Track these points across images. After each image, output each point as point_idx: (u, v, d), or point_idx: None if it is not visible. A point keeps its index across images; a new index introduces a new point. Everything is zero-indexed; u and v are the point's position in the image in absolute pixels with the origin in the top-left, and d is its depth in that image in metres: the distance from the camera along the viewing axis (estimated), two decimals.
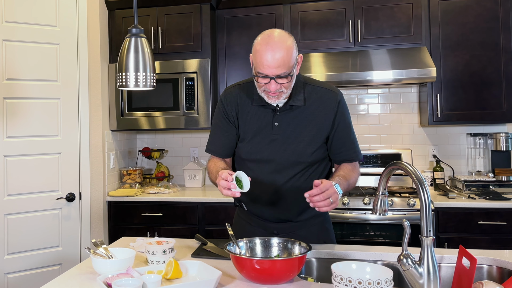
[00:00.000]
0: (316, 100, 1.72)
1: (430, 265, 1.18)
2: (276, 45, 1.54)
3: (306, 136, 1.70)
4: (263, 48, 1.55)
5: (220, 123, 1.80)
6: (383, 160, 3.36)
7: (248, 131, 1.74)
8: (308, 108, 1.71)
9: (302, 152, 1.70)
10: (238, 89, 1.80)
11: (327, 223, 1.88)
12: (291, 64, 1.56)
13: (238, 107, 1.76)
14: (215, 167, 1.73)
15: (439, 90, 3.10)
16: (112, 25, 3.39)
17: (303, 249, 1.47)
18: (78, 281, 1.43)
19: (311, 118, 1.70)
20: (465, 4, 3.07)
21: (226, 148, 1.80)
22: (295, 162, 1.71)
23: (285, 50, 1.54)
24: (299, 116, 1.70)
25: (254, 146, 1.73)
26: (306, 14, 3.26)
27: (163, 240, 1.61)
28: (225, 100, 1.79)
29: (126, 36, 1.54)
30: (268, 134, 1.71)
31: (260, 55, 1.55)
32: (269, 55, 1.53)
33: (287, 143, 1.70)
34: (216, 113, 1.84)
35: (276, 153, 1.71)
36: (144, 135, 3.88)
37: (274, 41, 1.55)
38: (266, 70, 1.55)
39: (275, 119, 1.70)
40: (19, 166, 2.79)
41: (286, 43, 1.55)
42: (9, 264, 2.74)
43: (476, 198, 2.86)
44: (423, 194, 1.19)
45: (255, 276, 1.36)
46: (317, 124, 1.70)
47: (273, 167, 1.71)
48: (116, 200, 3.22)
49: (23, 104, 2.81)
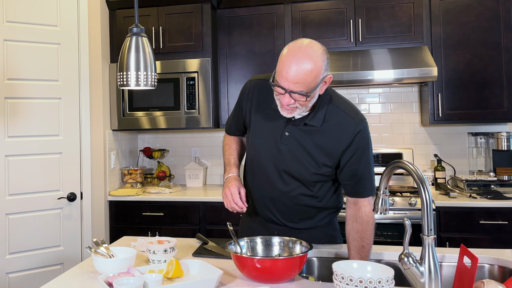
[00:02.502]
0: (333, 125, 1.56)
1: (431, 264, 1.17)
2: (302, 60, 1.38)
3: (311, 158, 1.59)
4: (288, 58, 1.40)
5: (236, 107, 1.83)
6: (384, 159, 3.36)
7: (258, 131, 1.69)
8: (322, 131, 1.56)
9: (305, 172, 1.61)
10: (261, 84, 1.69)
11: (334, 231, 1.81)
12: (312, 85, 1.41)
13: (255, 104, 1.69)
14: (229, 150, 1.86)
15: (440, 90, 3.10)
16: (113, 25, 3.39)
17: (304, 248, 1.47)
18: (80, 280, 1.43)
19: (322, 142, 1.57)
20: (466, 3, 3.07)
21: (234, 129, 1.88)
22: (297, 179, 1.64)
23: (310, 67, 1.38)
24: (311, 134, 1.58)
25: (262, 149, 1.68)
26: (307, 14, 3.26)
27: (164, 239, 1.61)
28: (245, 91, 1.74)
29: (127, 36, 1.54)
30: (277, 141, 1.62)
31: (283, 63, 1.41)
32: (290, 67, 1.39)
33: (293, 158, 1.61)
34: (239, 95, 1.81)
35: (280, 163, 1.64)
36: (145, 134, 3.89)
37: (302, 53, 1.39)
38: (283, 81, 1.41)
39: (286, 128, 1.60)
40: (21, 166, 2.79)
41: (314, 59, 1.39)
42: (11, 264, 2.74)
43: (477, 197, 2.86)
44: (424, 193, 1.19)
45: (256, 275, 1.36)
46: (326, 150, 1.57)
47: (276, 176, 1.67)
48: (117, 199, 3.22)
49: (24, 104, 2.81)
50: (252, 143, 1.72)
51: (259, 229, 1.78)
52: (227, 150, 1.87)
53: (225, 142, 1.91)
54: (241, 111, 1.78)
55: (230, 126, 1.90)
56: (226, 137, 1.93)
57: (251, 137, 1.73)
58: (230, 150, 1.87)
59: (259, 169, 1.72)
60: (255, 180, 1.75)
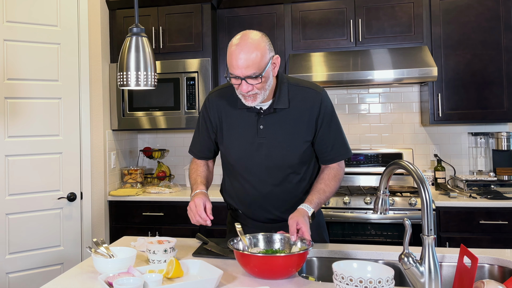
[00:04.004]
0: (300, 101, 1.70)
1: (431, 264, 1.17)
2: (246, 46, 1.53)
3: (291, 139, 1.69)
4: (234, 49, 1.55)
5: (202, 127, 1.84)
6: (384, 159, 3.36)
7: (233, 135, 1.74)
8: (292, 110, 1.69)
9: (289, 155, 1.70)
10: (221, 93, 1.80)
11: (321, 224, 1.91)
12: (261, 65, 1.55)
13: (222, 112, 1.77)
14: (196, 172, 1.83)
15: (440, 90, 3.10)
16: (113, 25, 3.39)
17: (305, 244, 1.49)
18: (79, 280, 1.43)
19: (296, 120, 1.69)
20: (466, 3, 3.07)
21: (205, 151, 1.87)
22: (284, 165, 1.71)
23: (255, 51, 1.53)
24: (283, 118, 1.69)
25: (242, 151, 1.73)
26: (307, 14, 3.26)
27: (164, 239, 1.61)
28: (209, 105, 1.81)
29: (127, 36, 1.54)
30: (254, 137, 1.70)
31: (231, 55, 1.56)
32: (238, 55, 1.53)
33: (274, 146, 1.69)
34: (200, 117, 1.86)
35: (264, 157, 1.70)
36: (145, 134, 3.89)
37: (245, 42, 1.55)
38: (236, 70, 1.55)
39: (259, 122, 1.70)
40: (21, 166, 2.79)
41: (256, 43, 1.55)
42: (11, 264, 2.74)
43: (477, 197, 2.86)
44: (424, 193, 1.19)
45: (258, 271, 1.38)
46: (302, 126, 1.69)
47: (263, 171, 1.72)
48: (117, 199, 3.22)
49: (24, 104, 2.81)
50: (231, 148, 1.75)
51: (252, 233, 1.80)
52: (193, 173, 1.84)
53: (191, 167, 1.88)
54: (210, 126, 1.81)
55: (199, 149, 1.88)
56: (193, 163, 1.90)
57: (227, 143, 1.76)
58: (196, 172, 1.84)
59: (244, 171, 1.75)
60: (243, 184, 1.78)
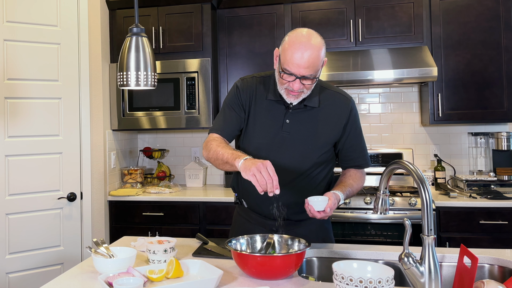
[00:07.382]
0: (330, 104, 1.72)
1: (431, 264, 1.17)
2: (311, 47, 1.52)
3: (314, 138, 1.70)
4: (296, 46, 1.52)
5: (233, 104, 1.76)
6: (384, 159, 3.36)
7: (258, 124, 1.73)
8: (321, 111, 1.70)
9: (310, 153, 1.71)
10: (256, 80, 1.78)
11: (327, 223, 1.89)
12: (319, 68, 1.56)
13: (253, 98, 1.75)
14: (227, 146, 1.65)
15: (440, 90, 3.10)
16: (113, 25, 3.39)
17: (303, 245, 1.50)
18: (79, 280, 1.43)
19: (323, 121, 1.70)
20: (466, 3, 3.07)
21: (229, 129, 1.76)
22: (301, 162, 1.71)
23: (317, 52, 1.53)
24: (311, 117, 1.70)
25: (263, 142, 1.72)
26: (307, 14, 3.26)
27: (164, 239, 1.61)
28: (241, 87, 1.77)
29: (127, 36, 1.54)
30: (278, 130, 1.70)
31: (292, 52, 1.52)
32: (300, 54, 1.51)
33: (296, 143, 1.70)
34: (229, 97, 1.79)
35: (284, 151, 1.70)
36: (145, 134, 3.89)
37: (308, 40, 1.53)
38: (294, 68, 1.53)
39: (287, 116, 1.70)
40: (21, 166, 2.79)
41: (319, 46, 1.54)
42: (11, 264, 2.74)
43: (477, 197, 2.86)
44: (424, 193, 1.19)
45: (256, 272, 1.37)
46: (328, 128, 1.71)
47: (279, 166, 1.67)
48: (117, 199, 3.22)
49: (24, 104, 2.81)
50: (252, 136, 1.74)
51: (255, 230, 1.79)
52: (224, 147, 1.65)
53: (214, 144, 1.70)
54: (241, 105, 1.75)
55: (223, 127, 1.77)
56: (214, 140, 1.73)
57: (251, 131, 1.74)
58: (227, 146, 1.67)
59: None
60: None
